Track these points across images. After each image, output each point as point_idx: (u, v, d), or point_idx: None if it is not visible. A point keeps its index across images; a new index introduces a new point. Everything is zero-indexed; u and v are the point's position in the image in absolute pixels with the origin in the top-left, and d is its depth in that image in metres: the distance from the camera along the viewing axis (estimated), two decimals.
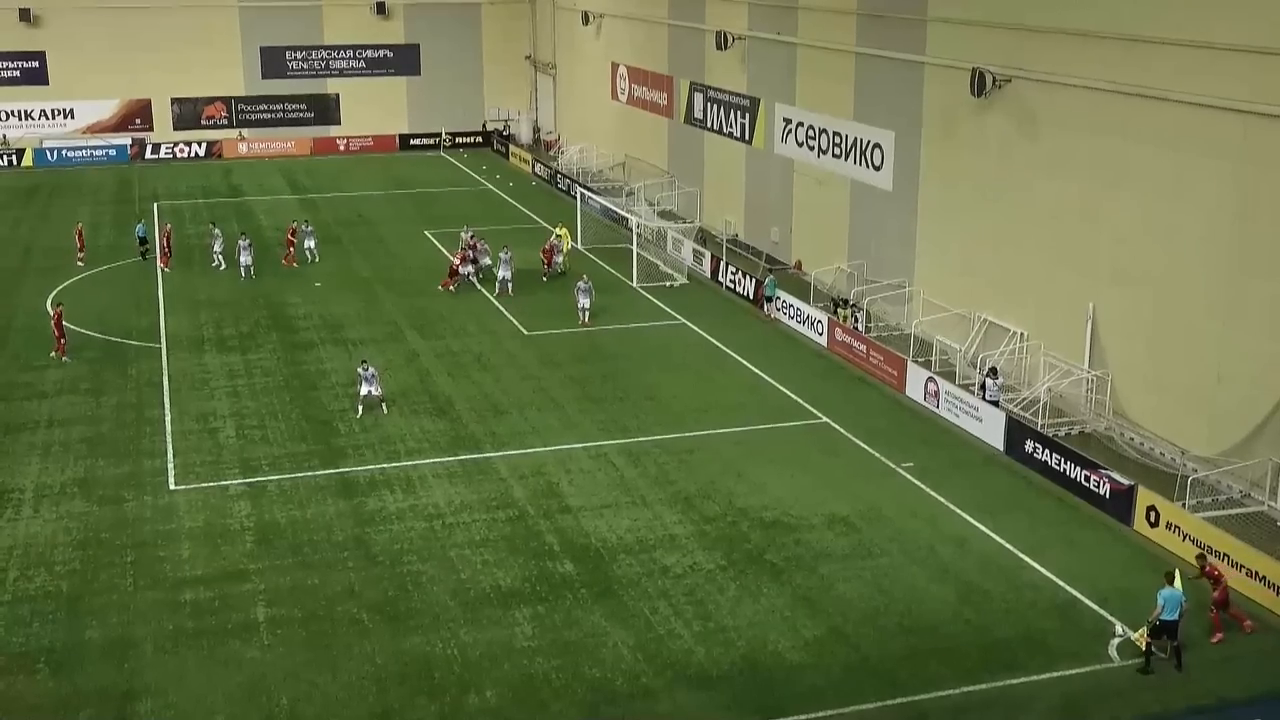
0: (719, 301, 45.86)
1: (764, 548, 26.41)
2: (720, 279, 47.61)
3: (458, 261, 46.91)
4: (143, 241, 50.90)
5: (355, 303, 45.49)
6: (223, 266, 49.34)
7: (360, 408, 33.94)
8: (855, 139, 44.44)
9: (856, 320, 40.63)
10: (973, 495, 29.05)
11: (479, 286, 46.30)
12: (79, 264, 50.73)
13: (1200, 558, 23.79)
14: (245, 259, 48.55)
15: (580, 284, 42.73)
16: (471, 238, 48.98)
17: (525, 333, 41.71)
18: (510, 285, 45.69)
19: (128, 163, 75.65)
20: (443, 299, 45.69)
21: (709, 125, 56.27)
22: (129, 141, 76.49)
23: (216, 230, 51.04)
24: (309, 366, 38.51)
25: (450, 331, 41.97)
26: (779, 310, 43.02)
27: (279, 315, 43.96)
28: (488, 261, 47.53)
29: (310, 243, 50.83)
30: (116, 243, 54.04)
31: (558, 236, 49.77)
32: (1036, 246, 35.20)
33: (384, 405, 34.05)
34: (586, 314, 42.15)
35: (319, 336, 41.49)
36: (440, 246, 53.34)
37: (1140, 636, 22.08)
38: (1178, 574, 22.52)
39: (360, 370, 34.57)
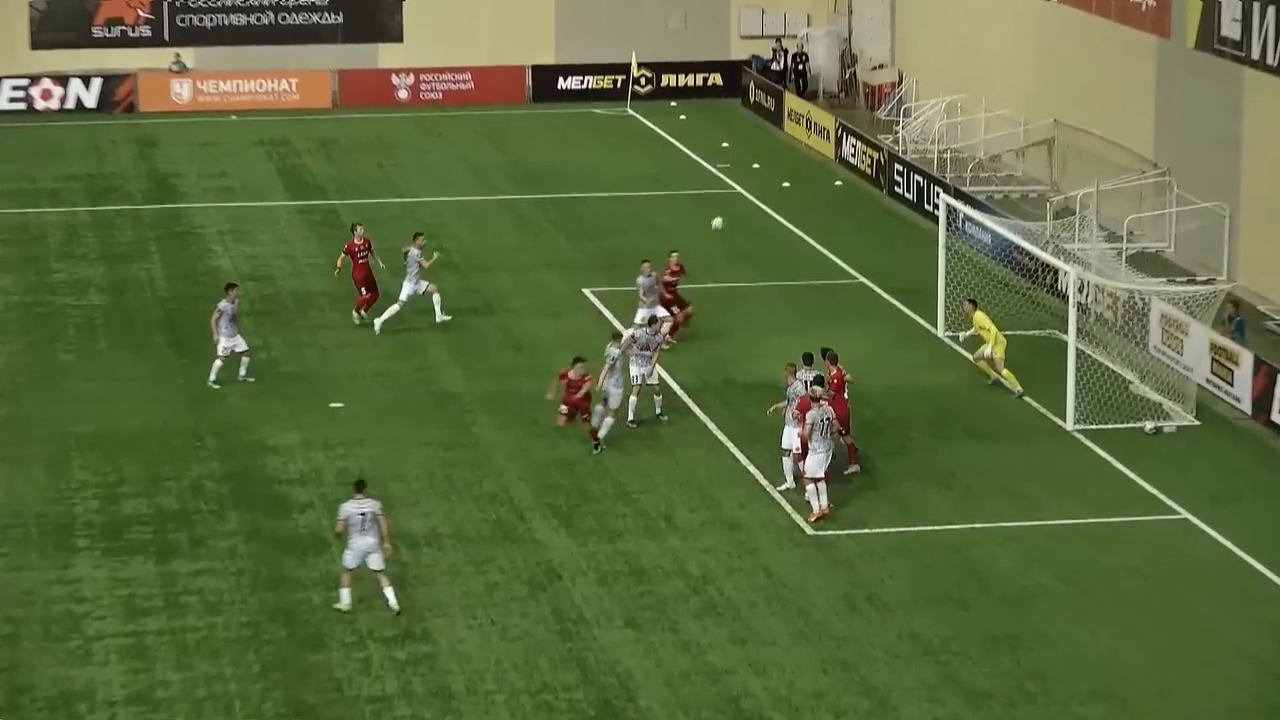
0: (1270, 468, 45.88)
1: None
2: (1276, 417, 46.68)
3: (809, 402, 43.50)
4: None
5: (419, 445, 46.34)
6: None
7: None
8: None
9: None
10: None
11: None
12: None
13: None
14: (229, 340, 50.35)
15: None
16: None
17: (806, 531, 41.62)
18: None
19: None
20: (611, 448, 46.09)
21: (1255, 55, 56.12)
22: None
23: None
24: (305, 593, 38.85)
25: (634, 522, 42.62)
26: None
27: (248, 472, 45.13)
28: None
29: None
30: None
31: (973, 335, 50.55)
32: None
33: (391, 594, 37.36)
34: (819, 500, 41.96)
35: (331, 523, 41.21)
36: (614, 320, 53.78)
37: None
38: None
39: (353, 509, 37.49)
